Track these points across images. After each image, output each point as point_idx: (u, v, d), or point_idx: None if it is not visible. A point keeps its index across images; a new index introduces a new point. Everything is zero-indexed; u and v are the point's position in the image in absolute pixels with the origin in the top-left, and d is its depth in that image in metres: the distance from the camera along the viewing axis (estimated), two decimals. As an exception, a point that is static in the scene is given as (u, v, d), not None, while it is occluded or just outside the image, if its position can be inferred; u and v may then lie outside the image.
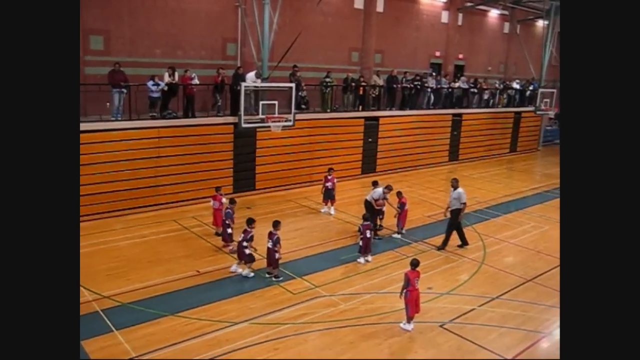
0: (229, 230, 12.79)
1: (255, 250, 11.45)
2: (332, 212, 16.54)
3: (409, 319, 9.41)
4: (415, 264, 9.46)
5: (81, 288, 10.43)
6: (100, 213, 14.97)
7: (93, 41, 16.73)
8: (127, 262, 12.03)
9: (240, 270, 11.58)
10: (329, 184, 16.43)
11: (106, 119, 15.30)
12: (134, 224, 14.82)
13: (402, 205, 14.50)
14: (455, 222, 13.62)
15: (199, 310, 9.73)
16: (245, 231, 11.37)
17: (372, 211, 13.99)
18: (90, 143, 14.50)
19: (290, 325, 9.37)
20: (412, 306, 9.31)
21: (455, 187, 13.55)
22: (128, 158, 15.41)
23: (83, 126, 14.40)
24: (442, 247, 13.72)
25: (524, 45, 28.91)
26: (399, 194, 14.67)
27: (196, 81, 17.15)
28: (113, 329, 8.97)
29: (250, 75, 17.60)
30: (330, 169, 16.82)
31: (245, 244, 11.30)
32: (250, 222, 11.42)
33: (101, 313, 9.51)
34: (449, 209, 13.68)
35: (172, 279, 11.13)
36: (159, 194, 16.27)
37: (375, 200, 14.15)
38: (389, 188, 14.16)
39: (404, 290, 9.30)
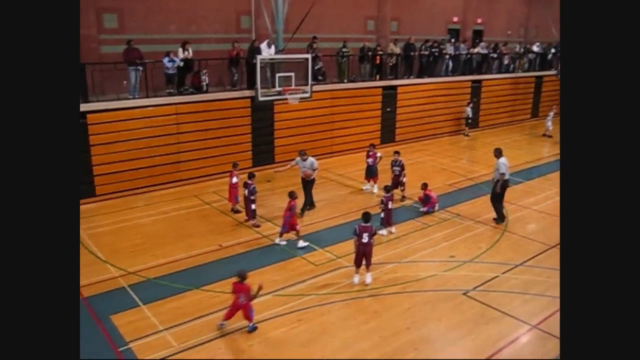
0: (253, 206, 12.78)
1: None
2: (375, 190, 15.50)
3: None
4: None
5: (107, 264, 10.65)
6: (121, 191, 15.14)
7: (107, 19, 16.69)
8: (150, 238, 12.20)
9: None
10: (370, 160, 15.45)
11: (124, 97, 15.35)
12: (155, 200, 14.98)
13: (427, 198, 13.99)
14: (494, 192, 13.20)
15: (223, 283, 9.83)
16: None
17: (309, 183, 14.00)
18: (109, 122, 14.63)
19: (313, 296, 9.46)
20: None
21: (497, 157, 13.08)
22: (147, 135, 15.48)
23: (101, 105, 14.57)
24: (500, 220, 13.28)
25: (545, 6, 28.09)
26: (424, 185, 14.16)
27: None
28: (140, 303, 9.15)
29: (263, 46, 17.34)
30: (371, 145, 15.83)
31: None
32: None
33: (127, 288, 9.69)
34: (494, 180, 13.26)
35: (196, 254, 11.27)
36: (179, 170, 16.37)
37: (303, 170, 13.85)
38: (301, 153, 13.83)
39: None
